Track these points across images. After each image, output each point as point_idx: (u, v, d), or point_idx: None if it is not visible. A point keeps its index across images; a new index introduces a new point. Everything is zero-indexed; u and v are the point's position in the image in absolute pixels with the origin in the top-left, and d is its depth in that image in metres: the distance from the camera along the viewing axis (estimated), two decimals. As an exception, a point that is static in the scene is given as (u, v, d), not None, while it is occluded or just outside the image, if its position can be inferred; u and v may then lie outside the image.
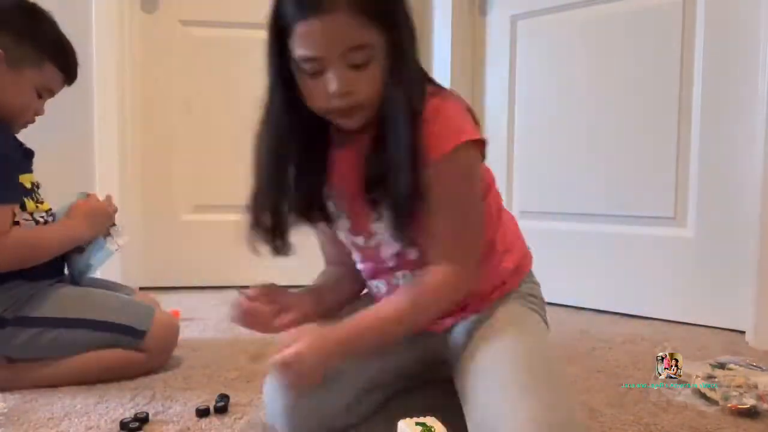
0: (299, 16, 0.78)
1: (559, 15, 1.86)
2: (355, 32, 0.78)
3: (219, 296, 2.02)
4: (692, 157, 1.65)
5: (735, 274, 1.58)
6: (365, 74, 0.81)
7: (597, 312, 1.81)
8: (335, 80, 0.80)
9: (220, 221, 2.17)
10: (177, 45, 2.11)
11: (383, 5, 0.81)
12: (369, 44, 0.80)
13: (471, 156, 0.86)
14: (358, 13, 0.77)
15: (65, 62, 1.19)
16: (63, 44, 1.19)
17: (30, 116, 1.19)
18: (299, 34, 0.79)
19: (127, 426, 0.94)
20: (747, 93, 1.53)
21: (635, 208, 1.76)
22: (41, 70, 1.16)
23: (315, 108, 0.86)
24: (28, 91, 1.16)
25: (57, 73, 1.18)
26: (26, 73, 1.14)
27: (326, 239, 1.07)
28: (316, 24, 0.77)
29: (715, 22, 1.59)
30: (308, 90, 0.84)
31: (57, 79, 1.19)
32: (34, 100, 1.17)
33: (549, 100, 1.86)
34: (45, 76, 1.17)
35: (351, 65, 0.80)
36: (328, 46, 0.78)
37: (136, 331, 1.18)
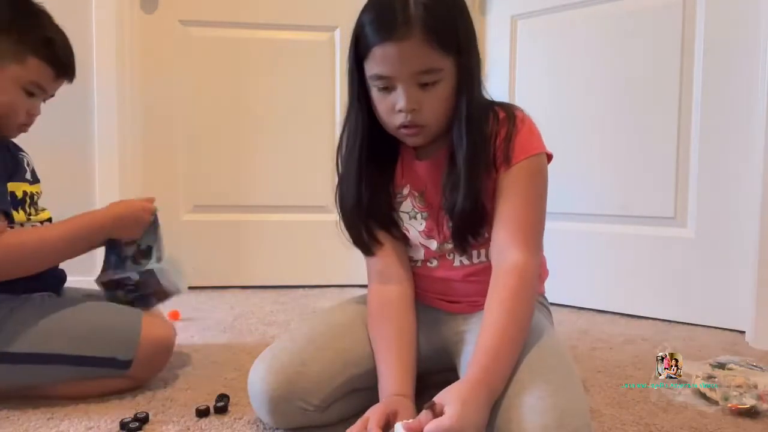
0: (378, 40, 0.88)
1: (559, 15, 1.86)
2: (426, 58, 0.87)
3: (219, 296, 2.02)
4: (692, 157, 1.65)
5: (735, 274, 1.58)
6: (432, 94, 0.90)
7: (597, 312, 1.81)
8: (403, 97, 0.89)
9: (220, 221, 2.17)
10: (177, 45, 2.10)
11: (454, 34, 0.89)
12: (438, 68, 0.88)
13: (546, 165, 0.97)
14: (430, 40, 0.86)
15: (52, 55, 1.09)
16: (50, 36, 1.10)
17: (22, 117, 1.11)
18: (376, 55, 0.89)
19: (127, 426, 0.93)
20: (747, 93, 1.53)
21: (635, 208, 1.76)
22: (24, 66, 1.07)
23: (385, 124, 0.95)
24: (12, 89, 1.07)
25: (44, 67, 1.09)
26: (9, 70, 1.06)
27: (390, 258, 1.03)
28: (392, 48, 0.87)
29: (715, 22, 1.59)
30: (379, 105, 0.94)
31: (45, 74, 1.09)
32: (21, 99, 1.09)
33: (549, 99, 1.86)
34: (30, 72, 1.08)
35: (419, 84, 0.89)
36: (400, 67, 0.88)
37: (120, 362, 1.07)
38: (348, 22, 2.30)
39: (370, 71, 0.92)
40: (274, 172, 2.17)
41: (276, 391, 0.90)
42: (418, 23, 0.86)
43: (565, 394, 0.78)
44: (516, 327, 0.84)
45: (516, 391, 0.79)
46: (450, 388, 0.78)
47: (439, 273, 1.04)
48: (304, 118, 2.17)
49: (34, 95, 1.11)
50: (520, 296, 0.87)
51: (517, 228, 0.91)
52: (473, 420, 0.73)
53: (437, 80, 0.89)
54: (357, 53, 0.94)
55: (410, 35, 0.86)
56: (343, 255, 2.15)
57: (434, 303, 1.06)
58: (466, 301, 1.04)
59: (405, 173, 1.03)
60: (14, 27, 1.07)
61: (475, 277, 1.02)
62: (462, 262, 1.02)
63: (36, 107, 1.13)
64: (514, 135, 0.94)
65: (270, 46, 2.14)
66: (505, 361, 0.82)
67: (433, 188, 1.00)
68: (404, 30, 0.86)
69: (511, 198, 0.92)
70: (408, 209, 1.03)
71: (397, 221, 1.03)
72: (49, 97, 1.16)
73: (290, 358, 0.92)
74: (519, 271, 0.88)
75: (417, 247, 1.04)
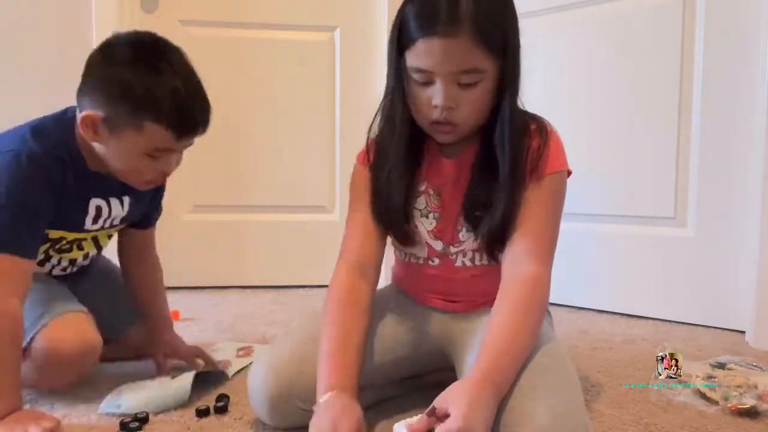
0: (423, 33, 0.85)
1: (559, 15, 1.86)
2: (471, 57, 0.86)
3: (219, 296, 2.02)
4: (692, 157, 1.65)
5: (735, 274, 1.58)
6: (469, 94, 0.89)
7: (597, 312, 1.81)
8: (441, 93, 0.88)
9: (220, 221, 2.17)
10: (177, 45, 2.10)
11: (501, 37, 0.88)
12: (481, 69, 0.87)
13: (565, 181, 0.98)
14: (477, 40, 0.84)
15: (170, 117, 0.97)
16: (168, 91, 0.96)
17: (149, 177, 1.04)
18: (420, 48, 0.87)
19: (127, 426, 0.93)
20: (747, 93, 1.53)
21: (635, 208, 1.76)
22: (142, 133, 0.97)
23: (418, 118, 0.94)
24: (133, 156, 0.99)
25: (162, 131, 0.97)
26: (125, 138, 0.97)
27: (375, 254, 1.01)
28: (437, 44, 0.85)
29: (715, 22, 1.59)
30: (414, 98, 0.92)
31: (165, 137, 0.98)
32: (144, 164, 1.01)
33: (548, 99, 1.85)
34: (148, 138, 0.97)
35: (458, 83, 0.87)
36: (443, 64, 0.86)
37: None
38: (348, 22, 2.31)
39: (411, 62, 0.89)
40: (274, 172, 2.17)
41: (275, 390, 0.90)
42: (468, 21, 0.84)
43: (562, 397, 0.78)
44: (526, 334, 0.84)
45: (512, 394, 0.79)
46: (452, 388, 0.77)
47: (439, 272, 1.04)
48: (304, 119, 2.17)
49: (160, 157, 1.02)
50: (534, 306, 0.87)
51: (537, 242, 0.92)
52: (480, 419, 0.72)
53: (478, 81, 0.88)
54: (399, 42, 0.91)
55: (458, 33, 0.84)
56: (343, 255, 2.17)
57: (432, 302, 1.06)
58: (465, 300, 1.04)
59: (428, 169, 1.01)
60: (129, 89, 0.95)
61: (476, 278, 1.02)
62: (464, 263, 1.02)
63: (167, 164, 1.05)
64: (545, 149, 0.94)
65: (270, 46, 2.14)
66: (512, 363, 0.81)
67: (453, 188, 0.99)
68: (452, 26, 0.84)
69: (534, 211, 0.92)
70: (421, 206, 1.02)
71: (409, 213, 1.01)
72: (186, 148, 1.07)
73: (290, 357, 0.92)
74: (534, 281, 0.88)
75: (422, 246, 1.03)
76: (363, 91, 2.15)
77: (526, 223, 0.92)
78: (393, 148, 0.97)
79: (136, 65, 0.97)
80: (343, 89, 2.18)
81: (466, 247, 1.00)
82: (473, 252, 1.01)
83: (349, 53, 2.17)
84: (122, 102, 0.96)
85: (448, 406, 0.73)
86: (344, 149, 2.17)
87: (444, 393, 0.76)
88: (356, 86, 2.17)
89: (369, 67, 2.15)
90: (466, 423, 0.70)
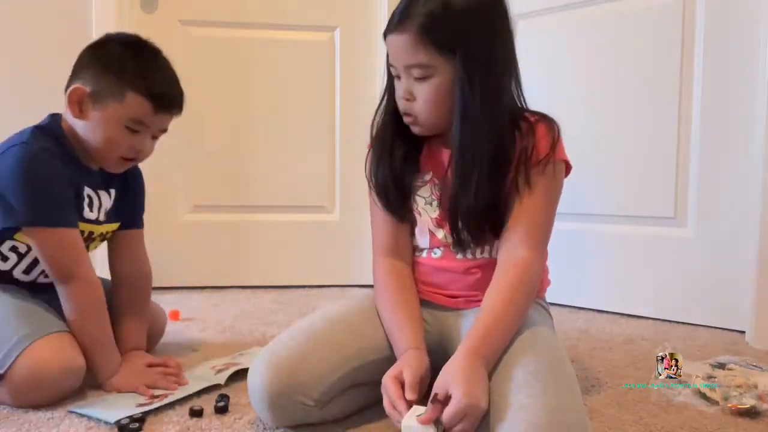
0: (386, 30, 0.97)
1: (559, 15, 1.86)
2: (417, 53, 0.93)
3: (219, 296, 2.02)
4: (692, 157, 1.65)
5: (735, 274, 1.58)
6: (422, 88, 0.96)
7: (597, 312, 1.81)
8: (401, 85, 0.98)
9: (220, 221, 2.17)
10: (176, 45, 2.10)
11: (452, 36, 0.92)
12: (426, 65, 0.94)
13: (563, 172, 1.02)
14: (423, 39, 0.92)
15: (148, 88, 1.08)
16: (151, 71, 1.10)
17: (122, 151, 1.12)
18: (386, 43, 0.98)
19: (126, 427, 0.93)
20: (747, 93, 1.53)
21: (635, 208, 1.76)
22: (123, 102, 1.07)
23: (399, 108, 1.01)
24: (114, 127, 1.09)
25: (141, 101, 1.08)
26: (109, 108, 1.08)
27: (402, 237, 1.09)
28: (391, 39, 0.96)
29: (715, 22, 1.59)
30: (393, 90, 1.01)
31: (143, 108, 1.08)
32: (122, 136, 1.10)
33: (549, 99, 1.85)
34: (128, 108, 1.08)
35: (414, 77, 0.96)
36: (396, 58, 0.97)
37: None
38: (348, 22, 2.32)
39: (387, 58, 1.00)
40: (274, 172, 2.17)
41: (275, 385, 0.90)
42: (416, 19, 0.91)
43: (558, 394, 0.79)
44: (514, 311, 0.90)
45: (510, 390, 0.79)
46: (446, 370, 0.82)
47: (441, 264, 1.06)
48: (304, 118, 2.17)
49: (137, 132, 1.11)
50: (523, 286, 0.93)
51: (531, 229, 0.97)
52: (480, 392, 0.79)
53: (427, 76, 0.94)
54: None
55: (404, 29, 0.93)
56: (343, 255, 2.18)
57: (432, 297, 1.07)
58: (464, 296, 1.05)
59: (430, 158, 1.06)
60: (117, 66, 1.08)
61: (476, 271, 1.04)
62: (465, 256, 1.04)
63: (141, 142, 1.13)
64: (541, 139, 0.98)
65: (270, 46, 2.14)
66: (500, 337, 0.87)
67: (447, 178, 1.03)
68: (401, 24, 0.93)
69: (531, 199, 0.97)
70: (426, 194, 1.06)
71: (411, 204, 1.06)
72: (160, 133, 1.16)
73: (289, 353, 0.93)
74: (524, 265, 0.94)
75: (424, 233, 1.06)
76: (363, 91, 2.15)
77: (523, 210, 0.97)
78: (385, 138, 1.05)
79: (129, 50, 1.11)
80: (343, 89, 2.18)
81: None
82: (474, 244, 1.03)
83: (349, 53, 2.17)
84: (111, 74, 1.08)
85: (448, 389, 0.79)
86: (344, 149, 2.17)
87: (439, 378, 0.82)
88: (356, 86, 2.17)
89: (369, 67, 2.15)
90: (470, 399, 0.77)
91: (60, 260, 1.08)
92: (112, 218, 1.22)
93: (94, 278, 1.11)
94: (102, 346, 1.11)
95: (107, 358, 1.11)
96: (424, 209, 1.06)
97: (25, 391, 1.01)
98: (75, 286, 1.08)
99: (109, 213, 1.21)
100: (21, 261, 1.14)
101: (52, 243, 1.07)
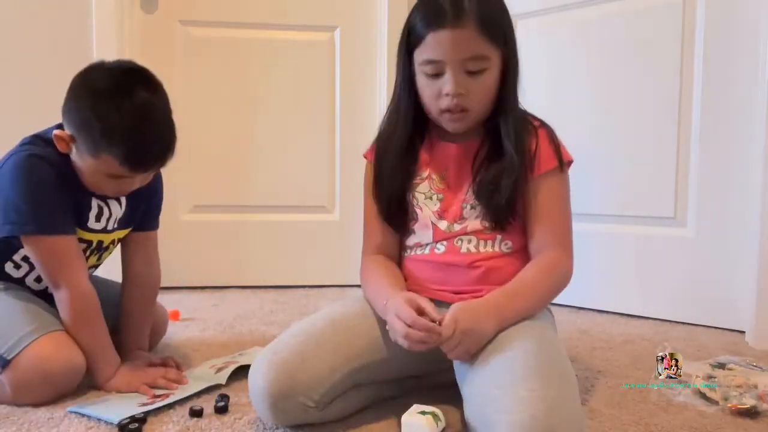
0: (432, 28, 0.96)
1: (559, 15, 1.86)
2: (477, 45, 0.96)
3: (219, 296, 2.02)
4: (692, 157, 1.65)
5: (735, 274, 1.58)
6: (478, 81, 0.98)
7: (597, 312, 1.81)
8: (451, 81, 0.97)
9: (219, 221, 2.17)
10: (176, 45, 2.11)
11: (502, 28, 1.00)
12: (486, 56, 0.97)
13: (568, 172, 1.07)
14: (482, 30, 0.95)
15: (124, 152, 1.02)
16: (126, 131, 1.01)
17: (111, 192, 1.12)
18: (429, 41, 0.97)
19: (126, 428, 0.93)
20: (747, 93, 1.53)
21: (635, 208, 1.76)
22: (99, 160, 1.04)
23: (430, 109, 1.03)
24: (96, 175, 1.07)
25: (116, 163, 1.03)
26: (87, 161, 1.05)
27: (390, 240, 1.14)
28: (446, 34, 0.96)
29: (715, 22, 1.59)
30: (426, 90, 1.01)
31: (120, 169, 1.04)
32: (106, 182, 1.08)
33: (549, 99, 1.86)
34: (105, 166, 1.04)
35: (467, 71, 0.97)
36: (452, 53, 0.96)
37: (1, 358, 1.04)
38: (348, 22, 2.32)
39: (420, 57, 0.99)
40: (274, 172, 2.17)
41: (276, 386, 0.90)
42: (472, 14, 0.95)
43: (558, 389, 0.79)
44: (541, 291, 0.99)
45: (508, 383, 0.80)
46: (461, 305, 0.92)
47: (445, 258, 1.06)
48: (304, 118, 2.17)
49: (119, 179, 1.08)
50: (554, 273, 1.01)
51: (557, 230, 1.03)
52: (465, 327, 0.87)
53: (484, 68, 0.98)
54: (408, 44, 1.02)
55: (464, 23, 0.95)
56: (343, 255, 2.18)
57: (436, 294, 1.06)
58: (469, 291, 1.04)
59: (430, 157, 1.09)
60: (89, 125, 1.02)
61: (480, 264, 1.04)
62: (469, 249, 1.05)
63: (128, 185, 1.10)
64: (552, 140, 1.04)
65: (270, 46, 2.14)
66: (523, 305, 0.95)
67: (456, 170, 1.07)
68: (458, 18, 0.95)
69: (549, 204, 1.03)
70: (425, 190, 1.08)
71: (407, 205, 1.09)
72: (149, 175, 1.12)
73: (290, 353, 0.93)
74: (558, 260, 1.02)
75: (426, 228, 1.07)
76: (363, 91, 2.15)
77: (544, 214, 1.03)
78: (395, 142, 1.07)
79: (99, 100, 1.02)
80: (343, 89, 2.18)
81: (470, 226, 1.04)
82: (477, 238, 1.04)
83: (349, 53, 2.17)
84: (84, 133, 1.04)
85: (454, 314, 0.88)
86: (344, 149, 2.17)
87: (452, 308, 0.90)
88: (356, 86, 2.17)
89: (369, 67, 2.15)
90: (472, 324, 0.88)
91: (50, 267, 1.08)
92: (124, 225, 1.21)
93: (86, 288, 1.10)
94: (96, 350, 1.10)
95: (104, 362, 1.11)
96: (425, 204, 1.08)
97: (27, 385, 1.03)
98: (65, 295, 1.08)
99: (121, 220, 1.20)
100: (33, 269, 1.15)
101: (43, 250, 1.07)
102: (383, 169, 1.09)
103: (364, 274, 1.10)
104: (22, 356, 1.03)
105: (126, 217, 1.20)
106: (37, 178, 1.05)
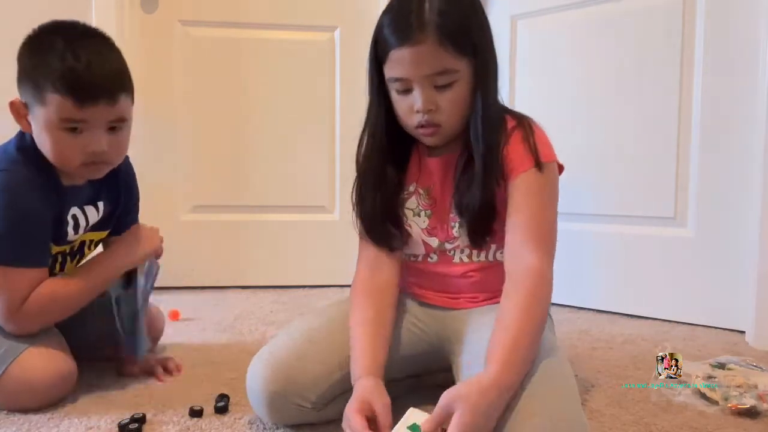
0: (394, 45, 0.92)
1: (558, 15, 1.86)
2: (440, 60, 0.91)
3: (219, 296, 2.02)
4: (692, 158, 1.65)
5: (735, 274, 1.58)
6: (447, 95, 0.93)
7: (597, 312, 1.81)
8: (420, 99, 0.93)
9: (219, 221, 2.17)
10: (176, 45, 2.10)
11: (468, 37, 0.92)
12: (451, 70, 0.92)
13: (557, 174, 0.99)
14: (444, 44, 0.90)
15: (64, 81, 0.96)
16: (64, 60, 0.96)
17: (77, 157, 1.01)
18: (393, 59, 0.92)
19: (126, 428, 0.93)
20: (747, 93, 1.53)
21: (635, 208, 1.76)
22: (46, 105, 0.97)
23: (404, 124, 0.98)
24: (50, 132, 0.99)
25: (59, 98, 0.96)
26: (37, 115, 0.99)
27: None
28: (407, 52, 0.91)
29: (715, 22, 1.59)
30: (398, 106, 0.97)
31: (66, 105, 0.96)
32: (65, 140, 0.99)
33: (549, 100, 1.86)
34: (53, 109, 0.97)
35: (435, 86, 0.92)
36: (416, 70, 0.91)
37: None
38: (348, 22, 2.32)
39: (388, 74, 0.95)
40: (274, 172, 2.17)
41: (273, 387, 0.90)
42: (432, 27, 0.89)
43: (561, 400, 0.79)
44: (532, 327, 0.83)
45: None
46: (460, 390, 0.76)
47: (438, 268, 1.05)
48: (304, 119, 2.17)
49: (78, 131, 1.00)
50: (537, 297, 0.86)
51: (531, 232, 0.92)
52: (480, 424, 0.73)
53: (452, 81, 0.92)
54: (376, 56, 0.97)
55: (424, 40, 0.89)
56: (343, 255, 2.17)
57: (434, 300, 1.07)
58: (466, 297, 1.05)
59: (416, 171, 1.05)
60: (31, 65, 1.00)
61: (474, 274, 1.03)
62: (462, 259, 1.03)
63: (91, 141, 1.01)
64: (526, 141, 0.96)
65: (270, 46, 2.14)
66: (521, 361, 0.80)
67: (441, 186, 1.02)
68: (419, 34, 0.89)
69: (524, 202, 0.94)
70: (413, 206, 1.05)
71: (402, 218, 1.05)
72: (113, 124, 1.04)
73: (287, 354, 0.93)
74: (535, 273, 0.88)
75: (418, 244, 1.05)
76: (363, 91, 2.13)
77: (518, 215, 0.93)
78: (372, 162, 1.03)
79: (31, 45, 1.01)
80: (343, 89, 2.18)
81: (461, 243, 1.02)
82: (470, 248, 1.02)
83: (349, 53, 2.17)
84: (26, 82, 1.00)
85: (454, 408, 0.73)
86: (344, 149, 2.17)
87: (452, 391, 0.76)
88: (356, 86, 2.15)
89: (369, 67, 2.15)
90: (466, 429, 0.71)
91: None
92: (100, 227, 1.18)
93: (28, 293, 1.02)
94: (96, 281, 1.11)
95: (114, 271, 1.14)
96: (414, 221, 1.05)
97: (17, 398, 1.01)
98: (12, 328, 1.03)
99: (96, 225, 1.17)
100: None
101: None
102: (364, 193, 1.05)
103: (353, 308, 0.99)
104: (9, 372, 1.00)
105: (103, 219, 1.18)
106: (23, 207, 1.01)
